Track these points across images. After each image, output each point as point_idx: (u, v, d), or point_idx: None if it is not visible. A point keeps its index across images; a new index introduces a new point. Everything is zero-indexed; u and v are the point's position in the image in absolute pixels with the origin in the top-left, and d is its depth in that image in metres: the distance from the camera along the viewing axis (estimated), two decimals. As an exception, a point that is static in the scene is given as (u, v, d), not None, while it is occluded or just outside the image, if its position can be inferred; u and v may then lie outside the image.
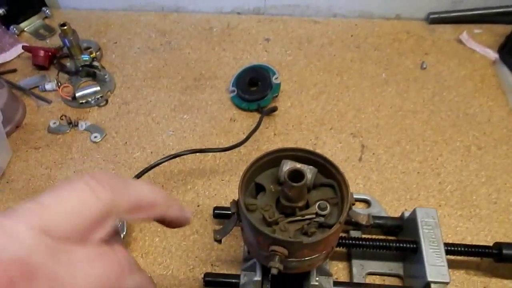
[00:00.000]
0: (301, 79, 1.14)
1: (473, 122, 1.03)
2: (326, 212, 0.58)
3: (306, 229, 0.57)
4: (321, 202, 0.58)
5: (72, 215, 0.32)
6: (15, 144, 1.01)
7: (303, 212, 0.58)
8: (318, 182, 0.62)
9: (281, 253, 0.55)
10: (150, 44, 1.25)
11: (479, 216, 0.87)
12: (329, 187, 0.62)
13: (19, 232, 0.29)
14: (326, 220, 0.58)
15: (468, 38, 1.20)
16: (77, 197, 0.33)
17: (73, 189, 0.33)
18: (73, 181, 0.34)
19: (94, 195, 0.33)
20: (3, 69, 1.17)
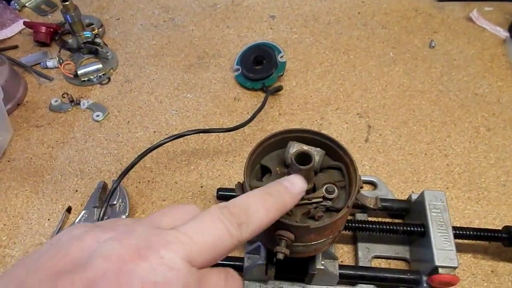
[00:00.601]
0: (306, 57, 1.11)
1: (482, 103, 1.00)
2: (334, 195, 0.56)
3: (313, 213, 0.56)
4: (329, 186, 0.57)
5: (212, 249, 0.35)
6: (16, 122, 0.99)
7: (310, 196, 0.56)
8: (325, 165, 0.60)
9: (287, 238, 0.53)
10: (153, 20, 1.22)
11: (488, 199, 0.85)
12: (337, 170, 0.60)
13: (176, 263, 0.32)
14: (333, 204, 0.56)
15: (478, 16, 1.17)
16: (215, 233, 0.36)
17: (212, 223, 0.36)
18: (212, 214, 0.37)
19: (228, 232, 0.36)
20: (4, 45, 1.15)
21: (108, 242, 0.32)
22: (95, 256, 0.31)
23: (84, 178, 0.90)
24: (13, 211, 0.87)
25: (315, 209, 0.56)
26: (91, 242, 0.33)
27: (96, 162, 0.93)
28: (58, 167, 0.92)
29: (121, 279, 0.30)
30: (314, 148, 0.59)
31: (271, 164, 0.61)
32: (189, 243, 0.34)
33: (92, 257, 0.31)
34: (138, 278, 0.30)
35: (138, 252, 0.31)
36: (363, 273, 0.72)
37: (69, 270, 0.30)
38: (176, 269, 0.31)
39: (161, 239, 0.33)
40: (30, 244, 0.82)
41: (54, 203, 0.87)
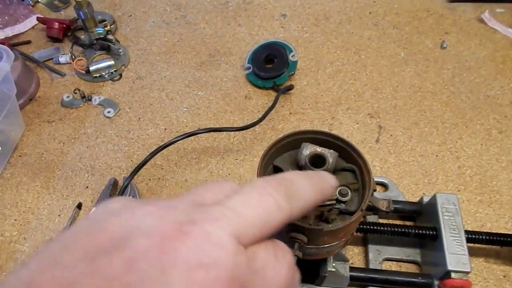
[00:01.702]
0: (318, 56, 1.09)
1: (494, 105, 0.98)
2: (347, 198, 0.54)
3: (326, 215, 0.54)
4: (342, 188, 0.55)
5: (260, 224, 0.31)
6: (28, 117, 0.98)
7: (324, 198, 0.54)
8: (338, 167, 0.58)
9: (301, 240, 0.51)
10: (165, 17, 1.20)
11: (499, 202, 0.83)
12: (350, 172, 0.58)
13: (224, 240, 0.28)
14: (346, 207, 0.55)
15: (490, 18, 1.14)
16: (264, 206, 0.32)
17: (259, 196, 0.32)
18: (258, 186, 0.33)
19: (277, 205, 0.32)
20: (17, 40, 1.13)
21: (148, 217, 0.29)
22: (134, 233, 0.28)
23: (95, 174, 0.89)
24: (24, 206, 0.85)
25: (329, 211, 0.54)
26: (130, 217, 0.29)
27: (107, 159, 0.91)
28: (69, 163, 0.91)
29: (164, 259, 0.26)
30: (327, 150, 0.57)
31: (283, 165, 0.59)
32: (236, 219, 0.30)
33: (131, 234, 0.27)
34: (183, 257, 0.26)
35: (181, 228, 0.28)
36: (373, 275, 0.70)
37: (107, 248, 0.26)
38: (224, 247, 0.28)
39: (206, 215, 0.30)
40: (41, 240, 0.81)
41: (64, 199, 0.86)
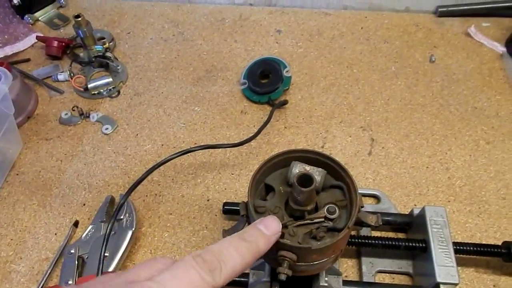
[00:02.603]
0: (311, 71, 1.08)
1: (481, 116, 0.97)
2: (335, 216, 0.54)
3: (315, 233, 0.53)
4: (330, 206, 0.54)
5: None
6: (26, 135, 0.97)
7: (312, 216, 0.54)
8: (327, 184, 0.57)
9: (290, 258, 0.51)
10: (163, 34, 1.20)
11: (488, 212, 0.82)
12: (338, 189, 0.58)
13: None
14: (335, 224, 0.54)
15: (476, 32, 1.14)
16: (189, 280, 0.36)
17: (186, 271, 0.36)
18: (186, 262, 0.37)
19: (201, 278, 0.36)
20: (16, 58, 1.12)
21: None
22: None
23: (92, 192, 0.88)
24: (20, 225, 0.84)
25: (317, 229, 0.53)
26: None
27: (104, 176, 0.90)
28: (66, 181, 0.90)
29: None
30: (316, 168, 0.56)
31: (274, 183, 0.58)
32: None
33: None
34: None
35: None
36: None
37: None
38: None
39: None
40: (37, 259, 0.79)
41: (61, 217, 0.84)
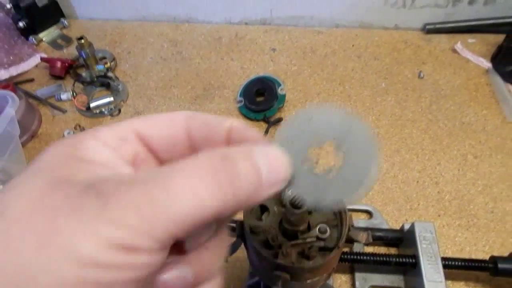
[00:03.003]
0: (305, 88, 1.08)
1: (468, 131, 0.97)
2: (326, 235, 0.54)
3: (307, 252, 0.53)
4: (321, 226, 0.54)
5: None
6: (30, 154, 0.97)
7: (305, 236, 0.54)
8: (320, 204, 0.57)
9: (284, 277, 0.51)
10: (162, 53, 1.20)
11: (477, 226, 0.82)
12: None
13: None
14: (326, 243, 0.54)
15: (462, 48, 1.14)
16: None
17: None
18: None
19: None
20: (21, 78, 1.13)
21: None
22: None
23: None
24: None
25: (309, 248, 0.53)
26: None
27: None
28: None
29: None
30: (309, 189, 0.56)
31: (269, 203, 0.58)
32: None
33: None
34: None
35: None
36: (359, 303, 0.69)
37: None
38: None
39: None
40: None
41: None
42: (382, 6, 1.20)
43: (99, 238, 0.21)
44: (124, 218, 0.22)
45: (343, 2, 1.21)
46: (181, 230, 0.23)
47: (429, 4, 1.19)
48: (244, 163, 0.26)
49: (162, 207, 0.23)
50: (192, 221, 0.23)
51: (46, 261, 0.21)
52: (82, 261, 0.21)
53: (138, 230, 0.22)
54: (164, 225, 0.23)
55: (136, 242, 0.22)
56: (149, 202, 0.22)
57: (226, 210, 0.25)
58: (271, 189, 0.27)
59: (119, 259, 0.22)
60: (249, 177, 0.26)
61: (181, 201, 0.23)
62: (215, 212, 0.24)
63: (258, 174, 0.27)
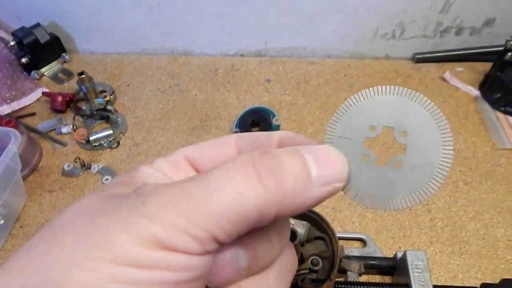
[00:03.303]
0: (299, 118, 1.09)
1: (459, 158, 0.97)
2: (318, 267, 0.54)
3: (300, 284, 0.53)
4: (314, 258, 0.54)
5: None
6: (30, 187, 0.97)
7: (298, 268, 0.53)
8: (311, 236, 0.57)
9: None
10: (160, 86, 1.21)
11: (469, 253, 0.81)
12: (322, 240, 0.57)
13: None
14: (318, 275, 0.54)
15: (451, 77, 1.15)
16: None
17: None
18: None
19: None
20: (22, 112, 1.13)
21: None
22: None
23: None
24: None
25: (302, 281, 0.53)
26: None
27: (105, 224, 0.89)
28: (69, 230, 0.89)
29: None
30: (300, 221, 0.56)
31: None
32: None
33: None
34: None
35: None
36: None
37: None
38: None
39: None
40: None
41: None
42: (373, 37, 1.22)
43: (134, 234, 0.21)
44: (160, 214, 0.21)
45: (335, 33, 1.22)
46: (222, 229, 0.22)
47: (418, 34, 1.20)
48: (287, 156, 0.24)
49: (200, 202, 0.21)
50: (233, 218, 0.22)
51: (83, 259, 0.20)
52: (117, 258, 0.20)
53: (174, 225, 0.21)
54: (203, 221, 0.21)
55: (172, 240, 0.21)
56: (187, 198, 0.22)
57: (271, 206, 0.23)
58: (325, 188, 0.25)
59: (155, 257, 0.21)
60: (293, 170, 0.24)
61: (219, 195, 0.22)
62: (257, 207, 0.22)
63: (305, 167, 0.24)
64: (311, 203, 0.24)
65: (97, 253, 0.20)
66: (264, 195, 0.22)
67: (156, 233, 0.20)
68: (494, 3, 1.11)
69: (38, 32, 1.20)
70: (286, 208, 0.23)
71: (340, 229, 0.85)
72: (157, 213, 0.21)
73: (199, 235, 0.21)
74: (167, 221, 0.21)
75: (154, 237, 0.20)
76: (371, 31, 1.21)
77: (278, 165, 0.23)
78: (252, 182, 0.22)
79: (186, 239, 0.21)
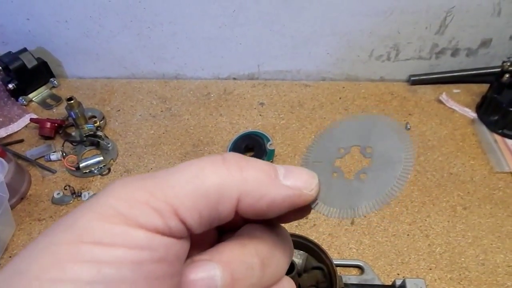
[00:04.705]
0: (294, 142, 1.10)
1: (457, 182, 0.99)
2: (318, 298, 0.54)
3: (298, 316, 0.53)
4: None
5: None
6: (19, 216, 0.97)
7: (296, 298, 0.54)
8: (309, 266, 0.58)
9: None
10: (152, 111, 1.23)
11: (469, 279, 0.82)
12: (320, 270, 0.58)
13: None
14: (317, 306, 0.54)
15: (447, 99, 1.18)
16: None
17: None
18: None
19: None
20: (10, 139, 1.14)
21: None
22: None
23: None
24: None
25: (301, 312, 0.53)
26: None
27: (96, 254, 0.90)
28: (59, 260, 0.89)
29: None
30: (297, 251, 0.57)
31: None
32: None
33: None
34: None
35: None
36: None
37: None
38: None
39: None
40: None
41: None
42: (368, 59, 1.25)
43: (97, 211, 0.22)
44: (124, 191, 0.23)
45: (329, 55, 1.25)
46: (183, 204, 0.23)
47: (413, 56, 1.23)
48: (259, 161, 0.27)
49: (163, 180, 0.24)
50: (193, 193, 0.24)
51: (50, 243, 0.22)
52: (80, 237, 0.21)
53: (136, 199, 0.23)
54: (163, 194, 0.23)
55: (134, 212, 0.22)
56: (151, 178, 0.24)
57: (231, 188, 0.25)
58: (291, 190, 0.26)
59: (115, 232, 0.22)
60: (260, 164, 0.26)
61: (182, 173, 0.24)
62: (217, 185, 0.24)
63: (272, 166, 0.27)
64: (276, 199, 0.26)
65: (64, 235, 0.22)
66: (225, 175, 0.25)
67: (118, 206, 0.22)
68: (490, 24, 1.14)
69: (25, 57, 1.21)
70: (248, 197, 0.25)
71: (337, 255, 0.86)
72: (121, 191, 0.23)
73: (160, 207, 0.23)
74: (129, 196, 0.23)
75: (116, 211, 0.22)
76: (366, 53, 1.24)
77: (246, 159, 0.26)
78: (216, 164, 0.25)
79: (147, 211, 0.22)
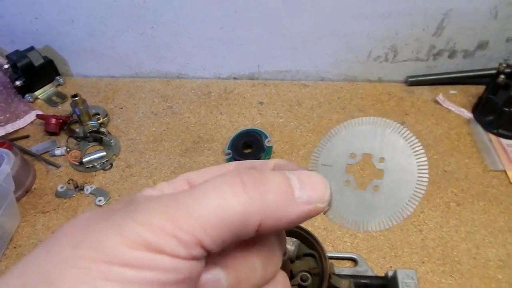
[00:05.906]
0: (292, 140, 1.12)
1: (451, 179, 1.01)
2: (308, 283, 0.56)
3: (289, 301, 0.55)
4: (303, 274, 0.56)
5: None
6: (24, 208, 0.99)
7: (287, 283, 0.56)
8: (301, 253, 0.60)
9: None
10: (154, 108, 1.25)
11: (460, 272, 0.84)
12: (312, 257, 0.60)
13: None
14: (307, 292, 0.56)
15: (444, 99, 1.19)
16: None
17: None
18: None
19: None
20: (16, 135, 1.16)
21: None
22: None
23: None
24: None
25: (292, 296, 0.55)
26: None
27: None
28: (62, 251, 0.91)
29: None
30: (290, 238, 0.59)
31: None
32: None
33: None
34: None
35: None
36: None
37: None
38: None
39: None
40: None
41: None
42: (366, 60, 1.26)
43: (125, 236, 0.23)
44: (149, 218, 0.24)
45: (328, 56, 1.27)
46: (207, 234, 0.24)
47: (411, 58, 1.25)
48: (273, 174, 0.28)
49: (187, 208, 0.24)
50: (218, 224, 0.24)
51: (77, 259, 0.23)
52: (108, 258, 0.22)
53: (162, 229, 0.23)
54: (189, 226, 0.24)
55: (160, 242, 0.23)
56: (175, 205, 0.24)
57: (253, 214, 0.25)
58: (307, 206, 0.27)
59: (143, 258, 0.23)
60: (277, 185, 0.27)
61: (205, 202, 0.25)
62: (241, 214, 0.25)
63: (288, 184, 0.27)
64: (294, 218, 0.27)
65: (90, 253, 0.23)
66: (247, 203, 0.25)
67: (145, 236, 0.23)
68: (487, 26, 1.16)
69: (32, 55, 1.24)
70: (268, 219, 0.26)
71: (332, 248, 0.88)
72: (147, 218, 0.24)
73: (185, 239, 0.24)
74: (155, 225, 0.24)
75: (143, 239, 0.23)
76: (364, 54, 1.25)
77: (262, 179, 0.27)
78: (237, 191, 0.25)
79: (172, 242, 0.23)
